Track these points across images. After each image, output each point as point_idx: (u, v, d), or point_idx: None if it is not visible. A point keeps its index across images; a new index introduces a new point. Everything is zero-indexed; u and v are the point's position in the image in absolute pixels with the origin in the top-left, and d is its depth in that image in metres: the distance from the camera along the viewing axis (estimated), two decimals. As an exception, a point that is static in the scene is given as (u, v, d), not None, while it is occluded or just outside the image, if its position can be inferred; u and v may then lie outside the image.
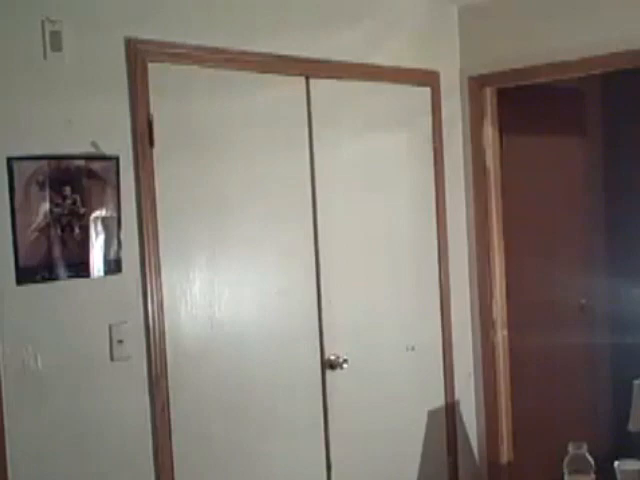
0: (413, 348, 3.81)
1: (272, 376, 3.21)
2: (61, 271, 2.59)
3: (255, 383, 3.15)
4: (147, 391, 2.82)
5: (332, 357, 3.44)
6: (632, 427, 3.44)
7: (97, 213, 2.68)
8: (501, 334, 4.14)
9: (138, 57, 2.79)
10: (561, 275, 4.45)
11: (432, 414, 3.92)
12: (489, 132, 4.09)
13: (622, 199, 4.99)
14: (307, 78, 3.35)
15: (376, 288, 3.67)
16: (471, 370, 4.16)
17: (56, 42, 2.57)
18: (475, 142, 4.10)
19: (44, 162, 2.55)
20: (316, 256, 3.39)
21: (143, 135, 2.80)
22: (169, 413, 2.87)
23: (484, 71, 4.01)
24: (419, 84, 3.88)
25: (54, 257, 2.57)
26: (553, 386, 4.45)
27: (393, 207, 3.78)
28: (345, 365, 3.44)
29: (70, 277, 2.62)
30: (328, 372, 3.43)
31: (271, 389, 3.21)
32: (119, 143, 2.75)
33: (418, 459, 3.86)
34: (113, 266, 2.73)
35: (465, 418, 4.12)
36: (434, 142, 3.96)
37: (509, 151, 4.19)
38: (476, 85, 4.06)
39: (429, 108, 3.95)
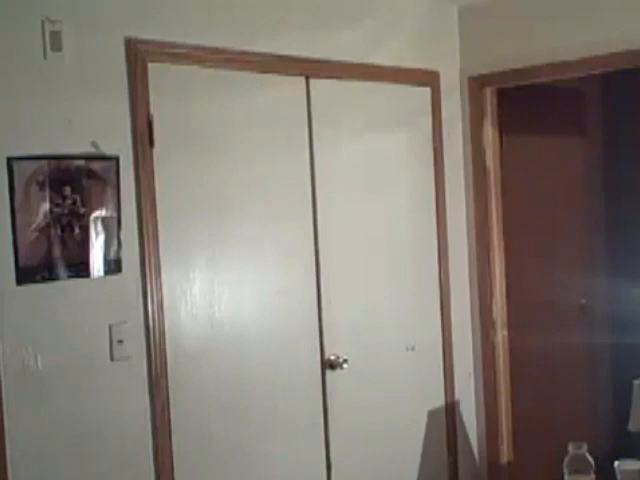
0: (413, 348, 3.81)
1: (272, 376, 3.21)
2: (61, 271, 2.59)
3: (255, 383, 3.15)
4: (147, 391, 2.82)
5: (332, 357, 3.44)
6: (632, 427, 3.44)
7: (97, 213, 2.68)
8: (501, 334, 4.14)
9: (138, 57, 2.79)
10: (561, 275, 4.45)
11: (432, 414, 3.92)
12: (489, 132, 4.09)
13: (622, 199, 4.99)
14: (307, 78, 3.35)
15: (376, 288, 3.67)
16: (471, 370, 4.16)
17: (56, 42, 2.57)
18: (475, 142, 4.10)
19: (44, 162, 2.55)
20: (316, 256, 3.39)
21: (143, 135, 2.80)
22: (169, 413, 2.87)
23: (484, 71, 4.01)
24: (419, 84, 3.88)
25: (54, 257, 2.57)
26: (553, 386, 4.45)
27: (393, 207, 3.77)
28: (345, 365, 3.44)
29: (70, 277, 2.62)
30: (328, 372, 3.42)
31: (271, 389, 3.21)
32: (119, 143, 2.75)
33: (418, 459, 3.86)
34: (113, 266, 2.73)
35: (465, 418, 4.12)
36: (434, 142, 3.96)
37: (509, 151, 4.18)
38: (476, 85, 4.06)
39: (429, 108, 3.95)
